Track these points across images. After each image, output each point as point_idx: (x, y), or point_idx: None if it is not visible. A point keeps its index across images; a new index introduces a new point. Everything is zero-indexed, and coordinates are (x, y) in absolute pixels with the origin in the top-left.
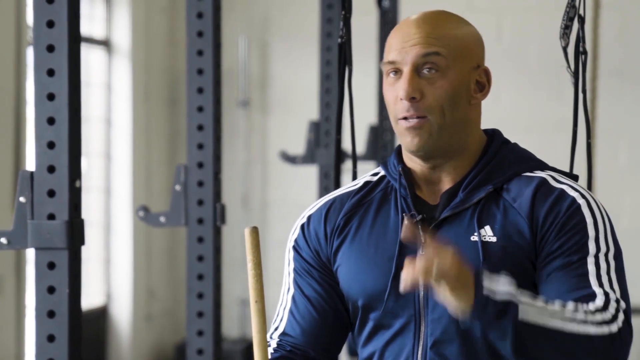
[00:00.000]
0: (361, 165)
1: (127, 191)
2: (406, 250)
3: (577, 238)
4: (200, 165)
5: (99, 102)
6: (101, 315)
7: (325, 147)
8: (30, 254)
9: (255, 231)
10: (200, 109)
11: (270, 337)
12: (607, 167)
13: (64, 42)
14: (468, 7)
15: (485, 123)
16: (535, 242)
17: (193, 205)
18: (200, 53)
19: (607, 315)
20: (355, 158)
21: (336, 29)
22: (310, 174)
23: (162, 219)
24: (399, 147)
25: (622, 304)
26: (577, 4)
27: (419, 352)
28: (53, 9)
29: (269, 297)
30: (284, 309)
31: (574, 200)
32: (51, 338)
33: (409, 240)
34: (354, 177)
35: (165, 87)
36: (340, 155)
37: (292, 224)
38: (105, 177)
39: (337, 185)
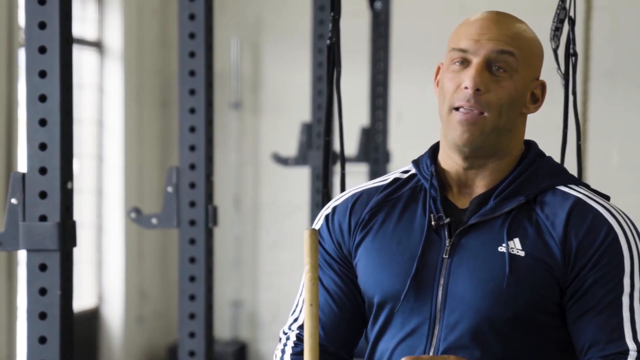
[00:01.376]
0: (353, 167)
1: (119, 193)
2: (429, 252)
3: (611, 275)
4: (192, 167)
5: (91, 103)
6: (93, 316)
7: (317, 148)
8: (22, 255)
9: (314, 233)
10: (192, 111)
11: (289, 329)
12: (599, 169)
13: (56, 43)
14: (461, 10)
15: None
16: (567, 270)
17: (185, 207)
18: (192, 55)
19: None
20: (343, 160)
21: (328, 30)
22: (303, 175)
23: (154, 221)
24: (434, 146)
25: None
26: (567, 5)
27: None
28: (45, 10)
29: (260, 299)
30: (303, 300)
31: (610, 228)
32: (43, 340)
33: None
34: (342, 179)
35: (157, 88)
36: (330, 157)
37: (284, 226)
38: (97, 179)
39: (327, 187)
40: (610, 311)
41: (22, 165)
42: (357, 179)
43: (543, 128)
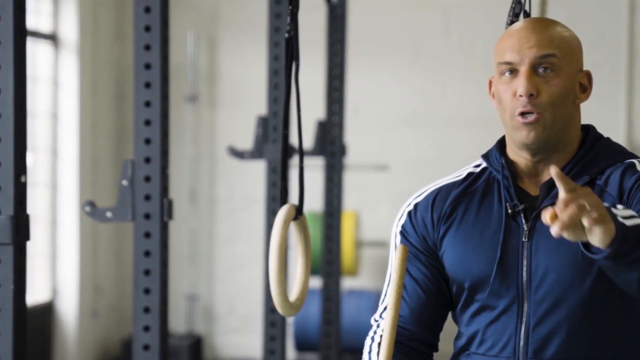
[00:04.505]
0: (309, 161)
1: (73, 186)
2: (510, 237)
3: None
4: (148, 160)
5: (45, 96)
6: (47, 311)
7: (273, 142)
8: None
9: (405, 249)
10: (147, 104)
11: (380, 317)
12: None
13: (10, 36)
14: (416, 4)
15: (433, 118)
16: None
17: (140, 201)
18: (147, 48)
19: None
20: (302, 153)
21: (284, 24)
22: (258, 169)
23: (109, 214)
24: (501, 140)
25: None
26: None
27: (522, 331)
28: None
29: (216, 292)
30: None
31: None
32: None
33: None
34: (301, 172)
35: (113, 81)
36: (287, 150)
37: (240, 219)
38: (52, 172)
39: (285, 180)
40: None
41: None
42: (313, 173)
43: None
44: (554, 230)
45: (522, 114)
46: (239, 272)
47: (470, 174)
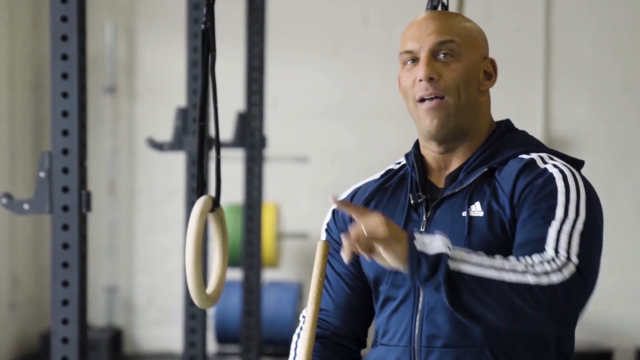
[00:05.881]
0: (229, 152)
1: None
2: (409, 228)
3: (544, 202)
4: (65, 152)
5: None
6: None
7: (192, 134)
8: None
9: (326, 245)
10: (64, 95)
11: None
12: None
13: None
14: None
15: (353, 109)
16: (514, 215)
17: (58, 193)
18: (64, 38)
19: (551, 266)
20: (219, 145)
21: (203, 14)
22: (178, 160)
23: (26, 206)
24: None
25: (575, 260)
26: None
27: (417, 320)
28: None
29: (135, 284)
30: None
31: (551, 175)
32: None
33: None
34: (218, 164)
35: (30, 72)
36: (205, 142)
37: (160, 210)
38: None
39: (202, 172)
40: (535, 229)
41: None
42: (233, 165)
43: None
44: (344, 257)
45: (423, 99)
46: (159, 264)
47: (389, 171)
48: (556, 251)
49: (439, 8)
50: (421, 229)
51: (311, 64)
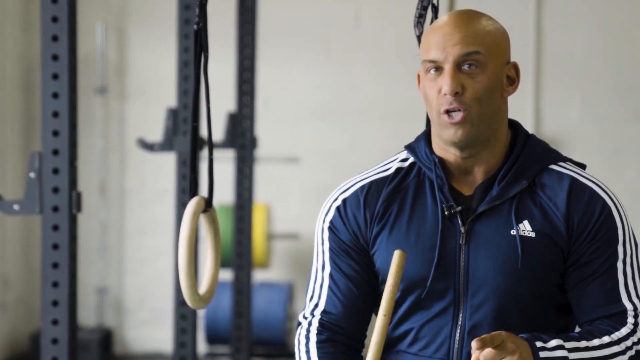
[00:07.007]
0: (220, 153)
1: None
2: (447, 240)
3: (608, 245)
4: (56, 152)
5: None
6: None
7: (183, 134)
8: None
9: (404, 255)
10: (55, 96)
11: (311, 314)
12: None
13: None
14: None
15: (344, 110)
16: (570, 242)
17: (48, 193)
18: (55, 39)
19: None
20: (211, 145)
21: (194, 15)
22: (169, 161)
23: (16, 207)
24: (425, 134)
25: None
26: None
27: (457, 335)
28: None
29: (126, 285)
30: (321, 286)
31: (604, 203)
32: None
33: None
34: (210, 164)
35: (20, 72)
36: (196, 143)
37: (151, 211)
38: None
39: (195, 172)
40: (605, 280)
41: None
42: (224, 165)
43: (412, 114)
44: None
45: (448, 112)
46: (150, 265)
47: (399, 170)
48: (635, 312)
49: (429, 9)
50: (460, 242)
51: (302, 65)
